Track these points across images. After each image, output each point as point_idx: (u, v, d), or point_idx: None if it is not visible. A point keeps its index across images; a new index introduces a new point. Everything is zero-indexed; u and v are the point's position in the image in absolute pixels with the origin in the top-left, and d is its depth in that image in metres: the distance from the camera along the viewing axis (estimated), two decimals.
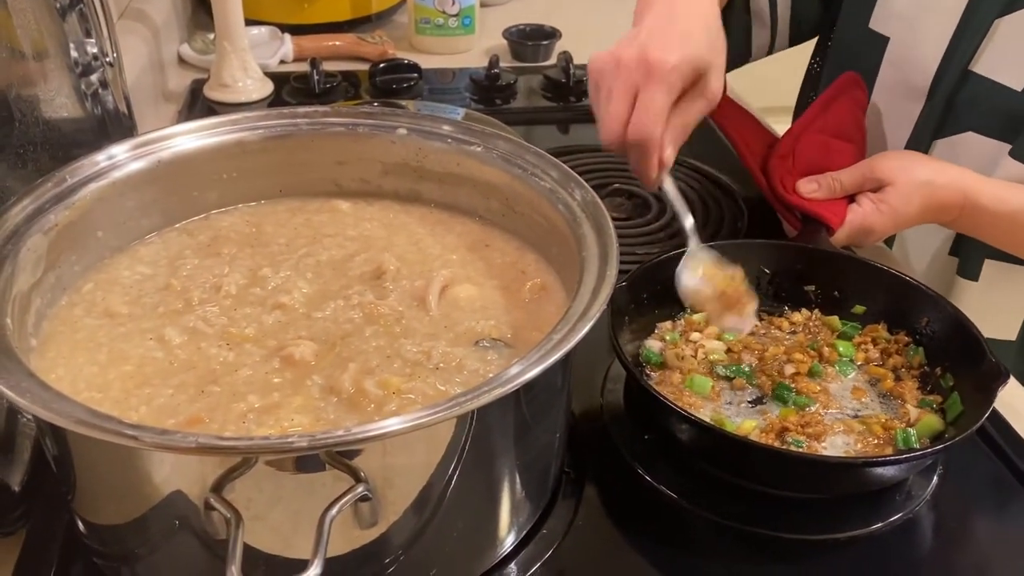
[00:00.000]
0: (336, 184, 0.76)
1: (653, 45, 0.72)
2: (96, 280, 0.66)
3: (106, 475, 0.53)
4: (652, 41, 0.72)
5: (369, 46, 1.38)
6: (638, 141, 0.73)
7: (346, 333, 0.61)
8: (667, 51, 0.71)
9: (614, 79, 0.73)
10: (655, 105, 0.72)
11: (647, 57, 0.71)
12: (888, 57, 0.92)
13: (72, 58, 0.83)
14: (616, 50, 0.74)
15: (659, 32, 0.73)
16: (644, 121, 0.72)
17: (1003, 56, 0.83)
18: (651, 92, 0.72)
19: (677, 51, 0.72)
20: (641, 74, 0.72)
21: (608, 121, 0.74)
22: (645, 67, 0.71)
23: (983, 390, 0.64)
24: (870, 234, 0.83)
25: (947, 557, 0.64)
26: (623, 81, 0.72)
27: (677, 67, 0.71)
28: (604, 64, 0.75)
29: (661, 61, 0.71)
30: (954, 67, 0.86)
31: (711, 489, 0.66)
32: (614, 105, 0.73)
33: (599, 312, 0.53)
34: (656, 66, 0.71)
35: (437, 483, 0.52)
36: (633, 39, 0.74)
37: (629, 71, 0.72)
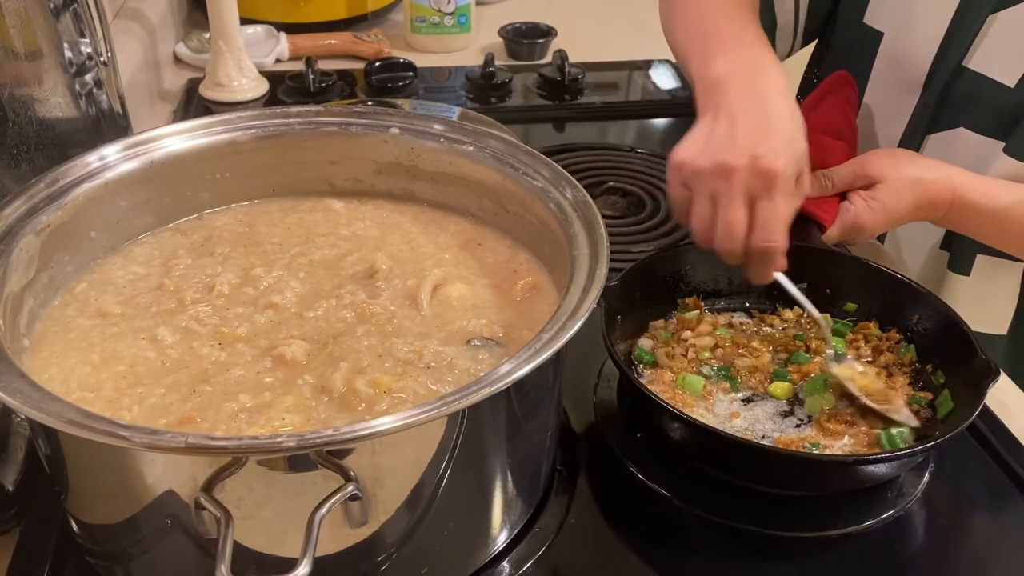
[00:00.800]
0: (329, 183, 0.76)
1: (763, 149, 0.67)
2: (89, 280, 0.66)
3: (98, 475, 0.53)
4: (760, 144, 0.67)
5: (365, 45, 1.38)
6: (766, 250, 0.69)
7: (338, 332, 0.62)
8: (780, 156, 0.67)
9: (723, 185, 0.68)
10: (783, 215, 0.68)
11: (763, 165, 0.66)
12: (882, 52, 0.92)
13: (66, 58, 0.83)
14: (714, 152, 0.68)
15: (761, 132, 0.68)
16: (773, 232, 0.67)
17: (997, 52, 0.83)
18: (774, 203, 0.67)
19: (790, 155, 0.68)
20: (759, 184, 0.67)
21: (726, 230, 0.68)
22: (763, 176, 0.67)
23: (974, 387, 0.65)
24: (861, 231, 0.83)
25: (939, 554, 0.65)
26: (737, 189, 0.67)
27: (793, 174, 0.68)
28: (703, 168, 0.69)
29: (779, 169, 0.66)
30: (948, 62, 0.86)
31: (703, 487, 0.67)
32: (731, 214, 0.68)
33: (589, 311, 0.53)
34: (776, 175, 0.66)
35: (428, 482, 0.52)
36: (730, 138, 0.68)
37: (743, 179, 0.67)
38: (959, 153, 0.87)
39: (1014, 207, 0.81)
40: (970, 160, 0.86)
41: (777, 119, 0.70)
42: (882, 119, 0.95)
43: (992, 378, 0.64)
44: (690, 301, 0.78)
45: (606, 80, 1.32)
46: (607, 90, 1.30)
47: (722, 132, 0.69)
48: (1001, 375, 0.77)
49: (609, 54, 1.39)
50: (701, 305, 0.78)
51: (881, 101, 0.95)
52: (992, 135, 0.86)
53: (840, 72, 0.96)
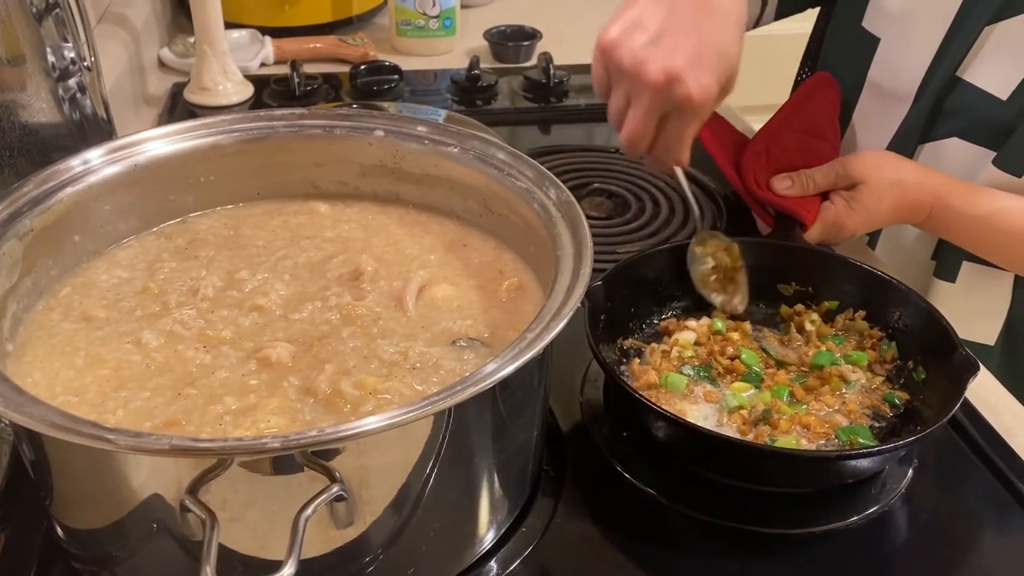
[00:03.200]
0: (314, 186, 0.76)
1: (687, 69, 0.61)
2: (73, 284, 0.66)
3: (83, 479, 0.53)
4: (682, 55, 0.61)
5: (350, 48, 1.38)
6: (659, 156, 0.68)
7: (323, 334, 0.62)
8: (704, 79, 0.61)
9: (638, 92, 0.64)
10: (686, 135, 0.65)
11: (683, 90, 0.62)
12: (878, 58, 0.92)
13: (49, 63, 0.83)
14: (635, 47, 0.63)
15: (687, 36, 0.62)
16: (674, 149, 0.66)
17: (990, 64, 0.83)
18: (684, 124, 0.64)
19: (714, 78, 0.62)
20: (674, 105, 0.63)
21: (630, 135, 0.66)
22: (680, 100, 0.62)
23: (955, 382, 0.65)
24: (842, 231, 0.84)
25: (923, 549, 0.65)
26: (650, 102, 0.63)
27: (713, 99, 0.64)
28: (623, 64, 0.64)
29: (698, 97, 0.62)
30: (942, 72, 0.86)
31: (689, 485, 0.67)
32: (639, 124, 0.65)
33: (572, 310, 0.53)
34: (693, 102, 0.62)
35: (414, 482, 0.52)
36: (656, 33, 0.63)
37: (658, 95, 0.63)
38: (949, 162, 0.87)
39: (996, 215, 0.82)
40: (959, 170, 0.86)
41: (714, 24, 0.64)
42: (873, 126, 0.95)
43: (972, 372, 0.65)
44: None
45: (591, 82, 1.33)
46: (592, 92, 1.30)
47: (650, 22, 0.63)
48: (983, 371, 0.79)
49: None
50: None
51: (873, 107, 0.95)
52: (983, 145, 0.86)
53: (822, 73, 0.97)
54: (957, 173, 0.85)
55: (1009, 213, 0.82)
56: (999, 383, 0.80)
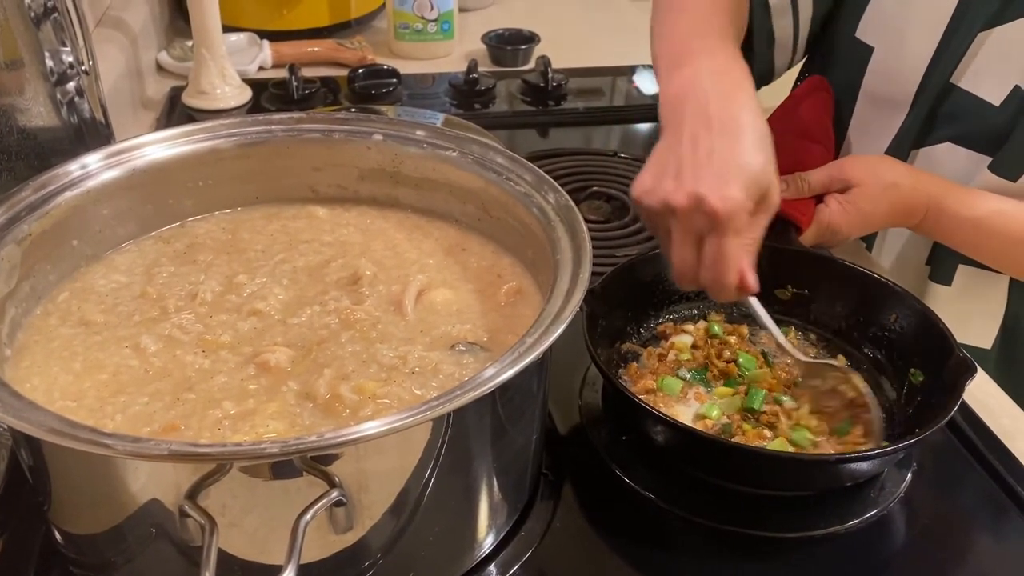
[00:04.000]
0: (312, 190, 0.76)
1: (706, 186, 0.62)
2: (71, 289, 0.65)
3: (81, 484, 0.53)
4: (703, 179, 0.62)
5: (348, 52, 1.38)
6: (711, 288, 0.66)
7: (322, 339, 0.62)
8: (725, 193, 0.61)
9: (672, 225, 0.65)
10: (727, 255, 0.63)
11: (706, 207, 0.62)
12: (872, 67, 0.92)
13: (47, 67, 0.83)
14: (660, 187, 0.64)
15: (707, 160, 0.63)
16: (718, 271, 0.64)
17: (984, 70, 0.84)
18: (719, 242, 0.63)
19: (736, 189, 0.62)
20: (704, 224, 0.63)
21: (678, 268, 0.66)
22: (706, 217, 0.62)
23: (952, 385, 0.65)
24: (837, 234, 0.84)
25: (921, 552, 0.65)
26: (683, 230, 0.64)
27: (741, 208, 0.62)
28: (652, 207, 0.66)
29: (722, 210, 0.61)
30: (937, 79, 0.86)
31: (688, 489, 0.67)
32: (680, 254, 0.65)
33: (572, 314, 0.53)
34: (719, 216, 0.62)
35: (413, 487, 0.52)
36: (677, 172, 0.64)
37: (687, 221, 0.63)
38: (944, 167, 0.87)
39: (991, 217, 0.82)
40: (954, 174, 0.86)
41: (730, 139, 0.65)
42: (869, 133, 0.95)
43: (969, 375, 0.65)
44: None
45: (589, 86, 1.33)
46: (590, 95, 1.31)
47: (672, 162, 0.65)
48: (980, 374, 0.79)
49: (592, 60, 1.40)
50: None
51: (869, 115, 0.95)
52: (978, 150, 0.86)
53: (816, 76, 0.97)
54: (952, 177, 0.85)
55: (1004, 216, 0.82)
56: (997, 386, 0.80)
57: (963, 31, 0.84)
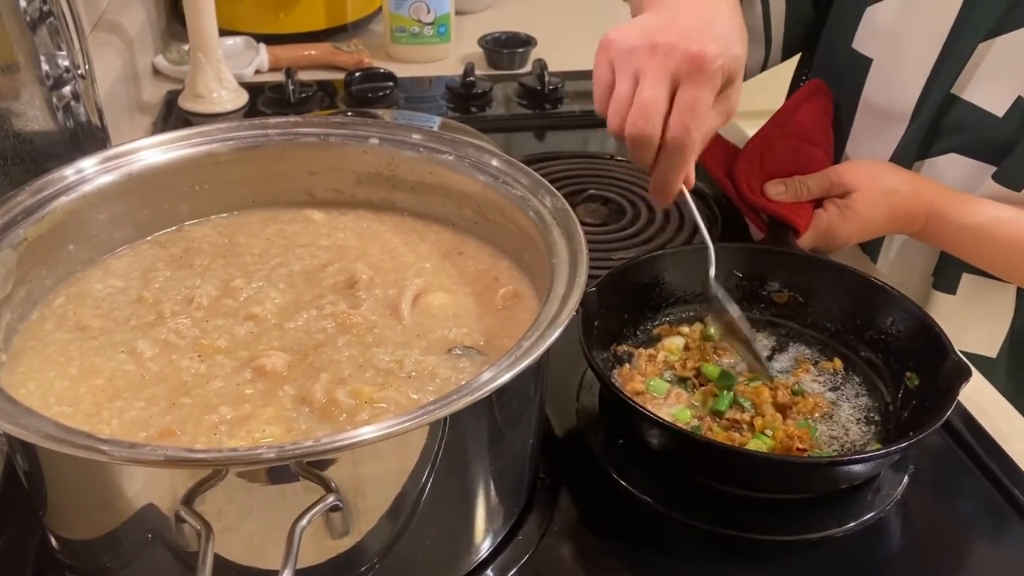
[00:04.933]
0: (309, 194, 0.76)
1: (695, 37, 0.63)
2: (67, 294, 0.65)
3: (77, 490, 0.52)
4: (693, 32, 0.63)
5: (344, 55, 1.38)
6: (675, 143, 0.64)
7: (318, 343, 0.61)
8: (712, 46, 0.62)
9: (647, 62, 0.63)
10: (701, 105, 0.62)
11: (693, 49, 0.62)
12: (871, 78, 0.92)
13: (43, 71, 0.82)
14: (647, 32, 0.64)
15: (698, 24, 0.65)
16: (688, 122, 0.62)
17: (986, 81, 0.83)
18: (698, 90, 0.62)
19: (721, 49, 0.63)
20: (686, 67, 0.62)
21: (641, 109, 0.63)
22: (691, 59, 0.62)
23: (947, 388, 0.65)
24: (835, 239, 0.84)
25: (918, 556, 0.65)
26: (661, 67, 0.62)
27: (722, 67, 0.63)
28: (632, 43, 0.64)
29: (710, 57, 0.62)
30: (937, 90, 0.86)
31: (685, 493, 0.67)
32: (650, 94, 0.63)
33: (568, 318, 0.53)
34: (705, 61, 0.61)
35: (410, 492, 0.52)
36: (667, 27, 0.64)
37: (669, 58, 0.62)
38: (948, 177, 0.87)
39: (992, 225, 0.82)
40: (958, 184, 0.86)
41: (716, 19, 0.66)
42: (871, 145, 0.95)
43: (964, 378, 0.65)
44: None
45: (586, 89, 1.33)
46: (587, 99, 1.31)
47: (660, 19, 0.66)
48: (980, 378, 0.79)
49: (589, 63, 1.37)
50: None
51: (869, 127, 0.95)
52: (982, 160, 0.86)
53: (815, 80, 0.97)
54: (956, 187, 0.85)
55: (1004, 223, 0.82)
56: (994, 389, 0.80)
57: (963, 42, 0.83)
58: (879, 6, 0.90)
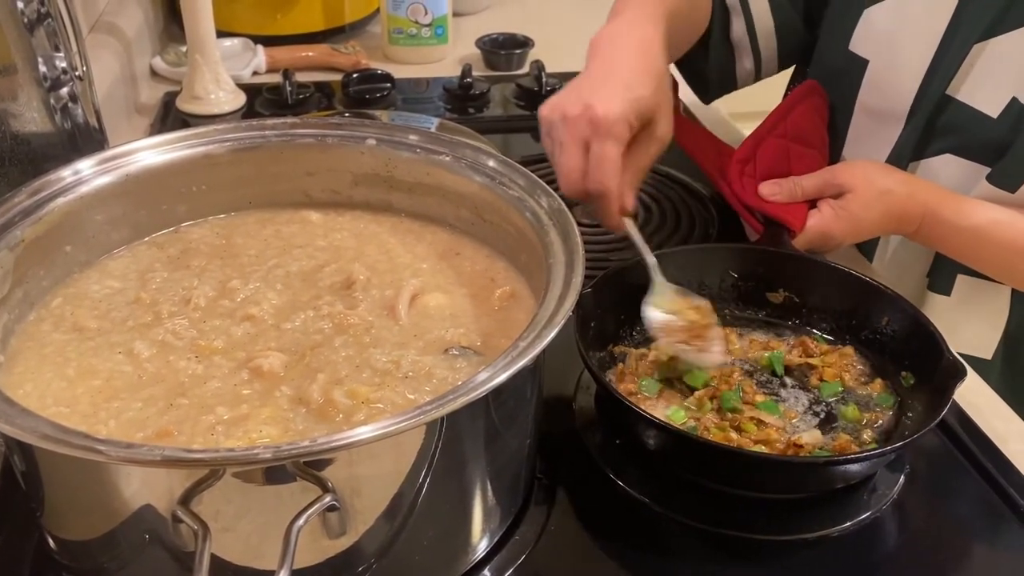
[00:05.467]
0: (306, 195, 0.76)
1: (596, 97, 0.72)
2: (65, 295, 0.65)
3: (75, 490, 0.53)
4: (595, 93, 0.73)
5: (342, 56, 1.38)
6: (597, 193, 0.73)
7: (315, 344, 0.62)
8: (610, 103, 0.72)
9: (563, 132, 0.74)
10: (607, 157, 0.72)
11: (591, 112, 0.71)
12: (867, 80, 0.92)
13: (41, 72, 0.82)
14: (560, 103, 0.75)
15: (601, 82, 0.74)
16: (599, 175, 0.72)
17: (981, 82, 0.83)
18: (601, 146, 0.72)
19: (620, 102, 0.72)
20: (588, 129, 0.72)
21: (564, 174, 0.74)
22: (591, 121, 0.72)
23: (942, 387, 0.66)
24: (829, 239, 0.84)
25: (914, 555, 0.65)
26: (571, 135, 0.73)
27: (622, 118, 0.72)
28: (551, 117, 0.75)
29: (605, 115, 0.71)
30: (933, 91, 0.86)
31: (682, 492, 0.67)
32: (567, 158, 0.73)
33: (564, 318, 0.54)
34: (601, 120, 0.71)
35: (407, 492, 0.52)
36: (577, 90, 0.75)
37: (576, 125, 0.72)
38: (942, 178, 0.87)
39: (988, 226, 0.82)
40: (953, 185, 0.86)
41: (619, 69, 0.75)
42: (867, 146, 0.95)
43: (959, 378, 0.65)
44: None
45: None
46: None
47: (574, 86, 0.76)
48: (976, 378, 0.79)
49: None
50: None
51: (866, 128, 0.95)
52: (976, 161, 0.86)
53: (810, 81, 0.97)
54: (951, 188, 0.85)
55: (1000, 225, 0.82)
56: (990, 389, 0.81)
57: (958, 43, 0.84)
58: (876, 8, 0.90)
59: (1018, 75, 0.81)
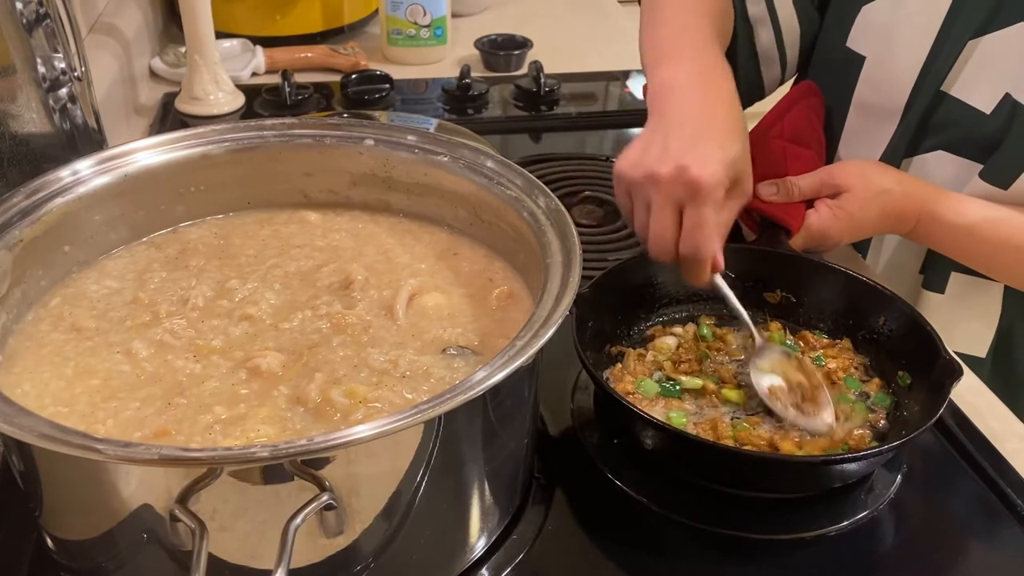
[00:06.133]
0: (304, 195, 0.76)
1: (690, 158, 0.68)
2: (63, 295, 0.66)
3: (73, 490, 0.53)
4: (687, 153, 0.68)
5: (341, 57, 1.38)
6: (693, 257, 0.70)
7: (313, 343, 0.62)
8: (707, 166, 0.67)
9: (653, 194, 0.69)
10: (706, 223, 0.68)
11: (689, 175, 0.67)
12: (864, 76, 0.92)
13: (40, 73, 0.83)
14: (645, 160, 0.70)
15: (691, 140, 0.69)
16: (697, 240, 0.69)
17: (974, 78, 0.84)
18: (699, 211, 0.68)
19: (717, 164, 0.68)
20: (685, 193, 0.68)
21: (656, 237, 0.70)
22: (687, 186, 0.67)
23: (938, 387, 0.66)
24: (827, 239, 0.84)
25: (911, 554, 0.65)
26: (664, 197, 0.69)
27: (721, 182, 0.68)
28: (636, 177, 0.71)
29: (704, 179, 0.67)
30: (928, 88, 0.86)
31: (680, 492, 0.67)
32: (659, 223, 0.70)
33: (561, 318, 0.54)
34: (701, 185, 0.67)
35: (404, 491, 0.52)
36: (663, 147, 0.70)
37: (669, 188, 0.68)
38: (935, 174, 0.87)
39: (983, 224, 0.82)
40: (945, 181, 0.86)
41: (711, 126, 0.71)
42: (862, 143, 0.95)
43: (956, 377, 0.65)
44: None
45: (582, 91, 1.33)
46: (583, 100, 1.31)
47: (658, 141, 0.71)
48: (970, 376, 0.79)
49: (585, 65, 1.41)
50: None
51: (862, 125, 0.95)
52: (969, 158, 0.86)
53: (806, 81, 0.97)
54: (943, 185, 0.85)
55: (995, 223, 0.82)
56: (987, 388, 0.81)
57: (953, 39, 0.84)
58: (874, 4, 0.90)
59: (1011, 71, 0.81)
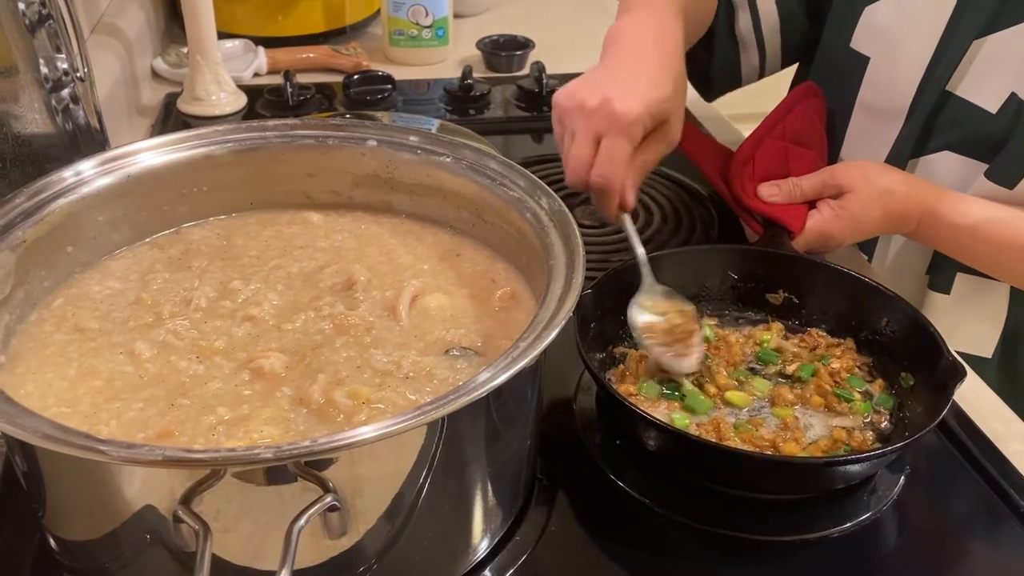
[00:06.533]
0: (307, 196, 0.76)
1: (616, 93, 0.72)
2: (66, 295, 0.66)
3: (76, 490, 0.53)
4: (616, 88, 0.73)
5: (343, 58, 1.38)
6: (599, 186, 0.74)
7: (316, 344, 0.62)
8: (630, 101, 0.72)
9: (577, 122, 0.74)
10: (618, 154, 0.73)
11: (611, 107, 0.72)
12: (868, 77, 0.92)
13: (42, 73, 0.83)
14: (578, 92, 0.75)
15: (621, 77, 0.74)
16: (607, 169, 0.73)
17: (980, 78, 0.84)
18: (614, 141, 0.73)
19: (640, 101, 0.72)
20: (605, 123, 0.72)
21: (572, 163, 0.75)
22: (608, 116, 0.72)
23: (941, 388, 0.66)
24: (829, 240, 0.84)
25: (914, 556, 0.65)
26: (586, 126, 0.73)
27: (640, 118, 0.72)
28: (568, 105, 0.75)
29: (624, 112, 0.72)
30: (933, 88, 0.86)
31: (682, 493, 0.67)
32: (577, 149, 0.74)
33: (565, 319, 0.54)
34: (619, 117, 0.72)
35: (407, 492, 0.52)
36: (597, 81, 0.75)
37: (592, 117, 0.73)
38: (941, 175, 0.87)
39: (986, 224, 0.82)
40: (951, 182, 0.86)
41: (644, 68, 0.76)
42: (867, 144, 0.95)
43: (959, 378, 0.65)
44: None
45: None
46: None
47: (596, 77, 0.76)
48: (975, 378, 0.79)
49: (586, 65, 1.38)
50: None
51: (866, 126, 0.95)
52: (974, 158, 0.86)
53: (807, 82, 0.97)
54: (949, 185, 0.85)
55: (998, 223, 0.82)
56: (989, 390, 0.81)
57: (958, 39, 0.84)
58: (877, 5, 0.90)
59: (1017, 70, 0.81)
